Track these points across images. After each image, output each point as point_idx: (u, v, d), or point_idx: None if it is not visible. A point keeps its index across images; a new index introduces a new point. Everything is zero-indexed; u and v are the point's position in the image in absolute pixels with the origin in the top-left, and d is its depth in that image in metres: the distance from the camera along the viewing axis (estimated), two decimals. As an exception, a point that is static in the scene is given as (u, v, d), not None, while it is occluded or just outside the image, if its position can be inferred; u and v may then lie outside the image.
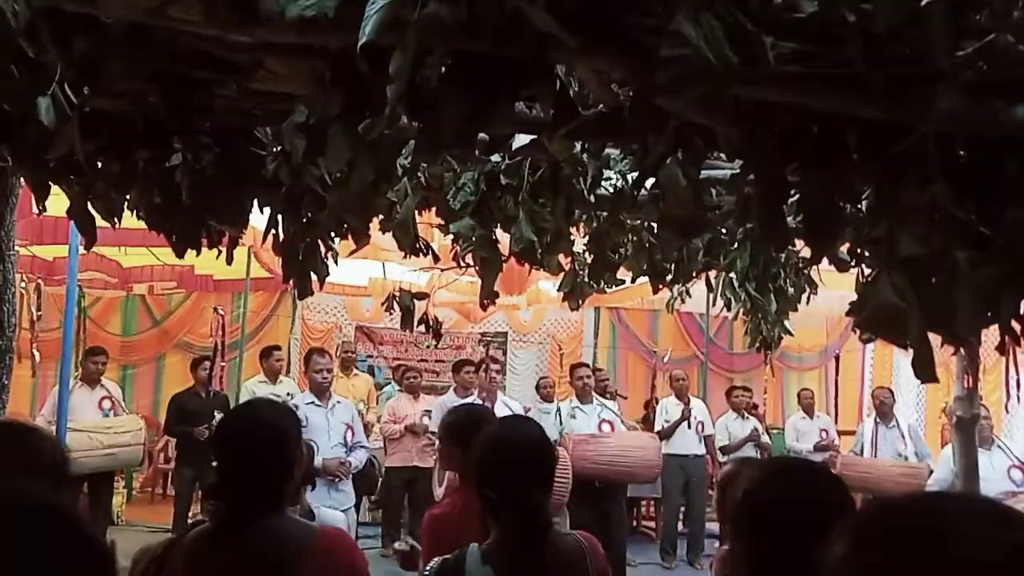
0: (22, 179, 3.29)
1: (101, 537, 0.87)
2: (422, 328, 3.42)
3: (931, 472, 7.06)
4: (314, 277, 2.80)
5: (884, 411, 7.72)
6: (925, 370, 1.38)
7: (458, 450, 2.67)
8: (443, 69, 1.61)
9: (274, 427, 1.92)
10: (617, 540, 5.99)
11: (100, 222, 2.68)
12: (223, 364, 7.10)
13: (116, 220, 2.60)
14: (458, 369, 7.47)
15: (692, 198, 1.46)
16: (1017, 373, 2.75)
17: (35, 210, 5.25)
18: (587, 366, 7.31)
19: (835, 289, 4.91)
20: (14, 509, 0.79)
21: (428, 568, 1.96)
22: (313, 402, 5.46)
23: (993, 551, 0.70)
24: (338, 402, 5.65)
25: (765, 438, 8.36)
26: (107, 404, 6.68)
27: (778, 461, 2.50)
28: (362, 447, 5.60)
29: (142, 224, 2.76)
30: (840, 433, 9.42)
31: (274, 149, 2.46)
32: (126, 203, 2.67)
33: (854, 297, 3.14)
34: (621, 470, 6.32)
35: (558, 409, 6.82)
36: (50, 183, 2.43)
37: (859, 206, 2.16)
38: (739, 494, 1.46)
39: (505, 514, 1.90)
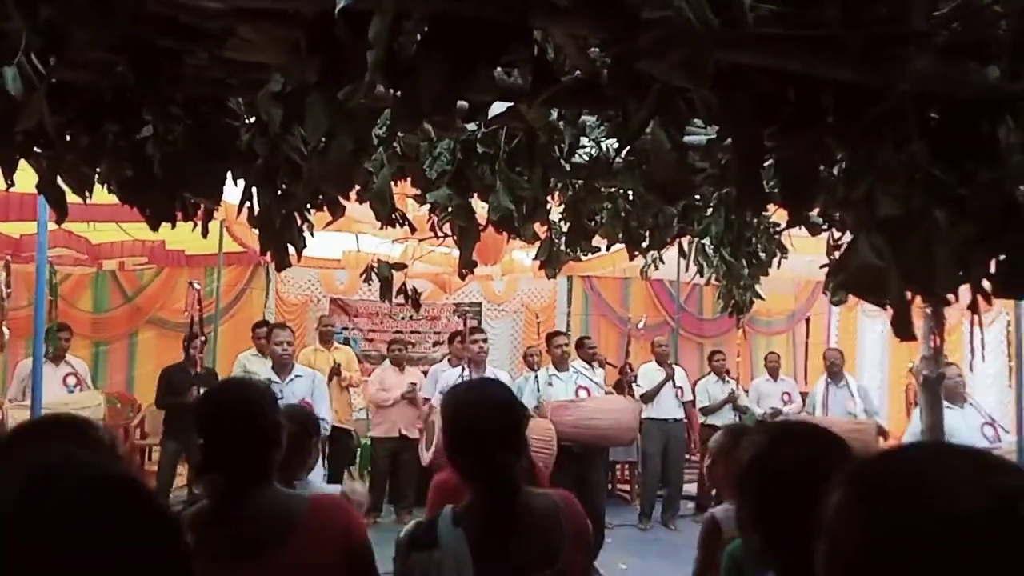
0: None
1: (171, 510, 0.86)
2: (400, 299, 3.42)
3: (879, 427, 7.33)
4: (291, 249, 2.77)
5: (834, 372, 7.97)
6: (904, 329, 1.40)
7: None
8: (419, 36, 1.59)
9: (245, 400, 1.95)
10: (596, 504, 6.08)
11: (71, 196, 2.63)
12: (202, 339, 7.05)
13: (87, 194, 2.55)
14: (452, 340, 7.84)
15: (677, 161, 1.47)
16: (981, 332, 2.82)
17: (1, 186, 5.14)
18: (564, 334, 7.38)
19: (803, 254, 4.97)
20: (92, 478, 0.78)
21: (403, 531, 1.97)
22: (269, 378, 5.48)
23: (982, 498, 0.73)
24: (297, 375, 5.68)
25: (743, 400, 8.52)
26: (72, 380, 6.63)
27: (782, 425, 2.56)
28: (321, 419, 5.62)
29: (111, 199, 2.71)
30: (804, 395, 9.61)
31: (247, 120, 2.42)
32: (96, 177, 2.61)
33: (822, 261, 3.22)
34: (598, 433, 6.42)
35: (536, 377, 6.88)
36: (17, 158, 2.37)
37: (832, 170, 2.18)
38: (746, 459, 1.50)
39: (474, 477, 1.92)
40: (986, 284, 1.79)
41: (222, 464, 1.89)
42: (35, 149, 2.42)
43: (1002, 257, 1.69)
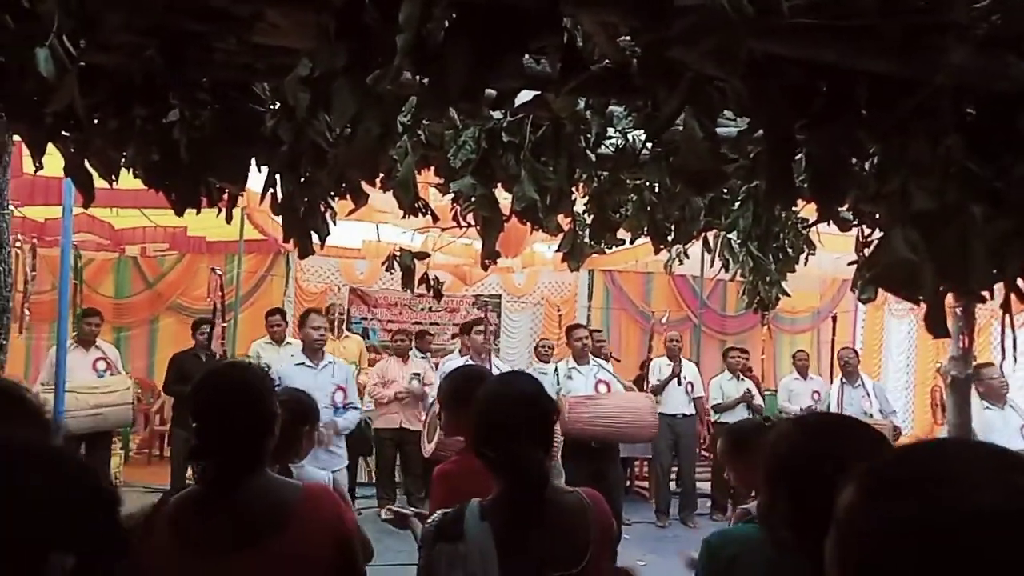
0: (15, 137, 3.25)
1: (107, 482, 0.87)
2: (422, 288, 3.41)
3: (895, 428, 7.24)
4: (315, 237, 2.77)
5: (849, 371, 7.89)
6: (937, 325, 1.38)
7: (457, 414, 2.68)
8: (447, 22, 1.58)
9: (243, 385, 1.93)
10: (615, 500, 6.06)
11: (96, 181, 2.65)
12: (223, 325, 7.08)
13: (114, 178, 2.56)
14: (463, 332, 7.73)
15: (709, 151, 1.45)
16: (1013, 333, 2.77)
17: (27, 170, 5.19)
18: (584, 327, 7.34)
19: (830, 251, 4.91)
20: (24, 453, 0.78)
21: (430, 521, 1.97)
22: (303, 363, 5.46)
23: (999, 495, 0.71)
24: (330, 362, 5.66)
25: (758, 399, 8.45)
26: (102, 365, 6.68)
27: (814, 417, 2.50)
28: (354, 408, 5.62)
29: (134, 185, 2.72)
30: (834, 394, 9.52)
31: (273, 106, 2.42)
32: (123, 161, 2.63)
33: (848, 258, 3.17)
34: (617, 430, 6.39)
35: (556, 369, 6.86)
36: (47, 140, 2.38)
37: (864, 164, 2.15)
38: (779, 452, 1.48)
39: (502, 471, 1.91)
40: (1020, 283, 1.76)
41: (218, 450, 1.86)
42: (63, 132, 2.44)
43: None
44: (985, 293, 1.58)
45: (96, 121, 2.41)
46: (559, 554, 1.86)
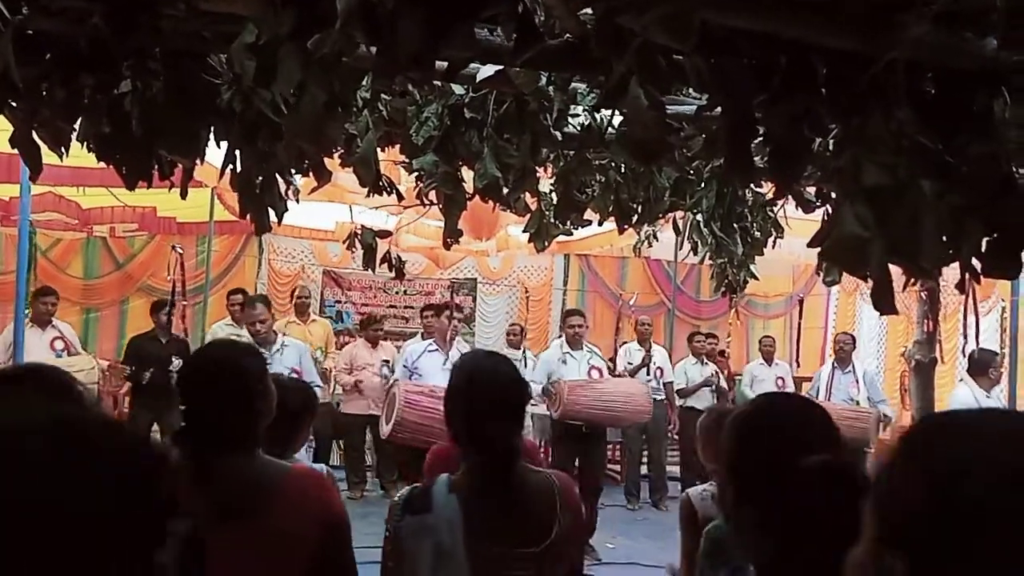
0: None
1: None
2: (385, 268, 3.36)
3: (881, 416, 7.29)
4: (273, 215, 2.72)
5: (842, 356, 7.92)
6: (884, 301, 1.36)
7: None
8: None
9: (235, 366, 1.91)
10: (596, 482, 6.40)
11: (56, 160, 2.58)
12: (184, 304, 6.94)
13: (64, 150, 2.49)
14: (423, 313, 7.60)
15: (655, 120, 1.42)
16: (976, 316, 2.78)
17: (-15, 146, 5.05)
18: (581, 314, 7.31)
19: (801, 236, 4.92)
20: (58, 424, 0.75)
21: (399, 495, 1.98)
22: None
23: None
24: (284, 346, 5.61)
25: (723, 383, 8.49)
26: (59, 344, 6.54)
27: (762, 395, 2.54)
28: (317, 387, 5.57)
29: (102, 164, 2.65)
30: (800, 380, 9.58)
31: (228, 77, 2.36)
32: (75, 135, 2.56)
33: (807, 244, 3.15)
34: (615, 414, 6.47)
35: (524, 354, 6.87)
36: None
37: (825, 142, 2.13)
38: (727, 438, 1.47)
39: (471, 446, 1.93)
40: (976, 263, 1.75)
41: (200, 425, 1.85)
42: (10, 103, 2.36)
43: (994, 235, 1.65)
44: (942, 277, 1.56)
45: (44, 92, 2.34)
46: (524, 530, 1.88)
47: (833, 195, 2.44)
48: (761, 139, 1.98)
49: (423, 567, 1.81)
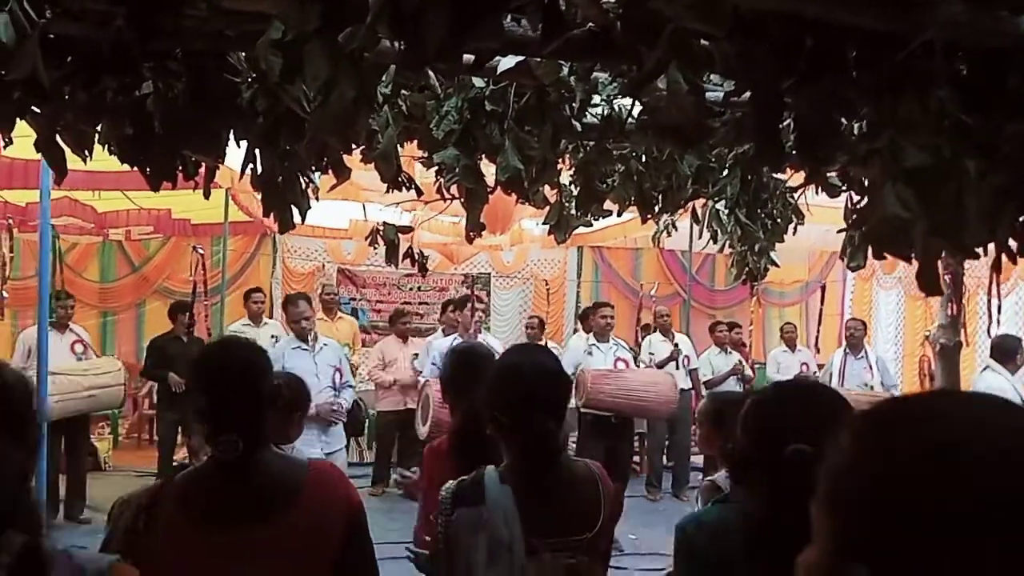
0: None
1: None
2: (407, 263, 3.36)
3: None
4: (295, 212, 2.72)
5: (854, 342, 7.88)
6: (930, 283, 1.34)
7: (454, 395, 2.72)
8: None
9: (246, 361, 1.92)
10: (623, 474, 6.37)
11: (75, 163, 2.58)
12: (206, 303, 6.98)
13: (87, 154, 2.49)
14: (444, 310, 7.60)
15: (694, 104, 1.41)
16: (999, 297, 2.74)
17: (5, 154, 5.09)
18: (610, 306, 7.32)
19: (818, 223, 4.88)
20: None
21: (445, 488, 1.96)
22: (299, 346, 5.38)
23: (1006, 429, 0.67)
24: (325, 344, 5.59)
25: (748, 371, 8.46)
26: (79, 348, 6.60)
27: (776, 383, 2.52)
28: (349, 387, 5.58)
29: (117, 167, 2.65)
30: (820, 367, 9.54)
31: (249, 77, 2.35)
32: (96, 137, 2.56)
33: (836, 230, 3.13)
34: (639, 405, 6.48)
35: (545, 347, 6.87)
36: (15, 116, 2.31)
37: (853, 125, 2.11)
38: (747, 422, 1.47)
39: (517, 437, 1.93)
40: (1012, 243, 1.73)
41: (232, 426, 1.85)
42: (33, 108, 2.37)
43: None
44: (978, 251, 1.55)
45: (67, 95, 2.34)
46: (575, 518, 1.91)
47: (864, 179, 2.42)
48: (789, 124, 1.96)
49: (479, 559, 1.81)
